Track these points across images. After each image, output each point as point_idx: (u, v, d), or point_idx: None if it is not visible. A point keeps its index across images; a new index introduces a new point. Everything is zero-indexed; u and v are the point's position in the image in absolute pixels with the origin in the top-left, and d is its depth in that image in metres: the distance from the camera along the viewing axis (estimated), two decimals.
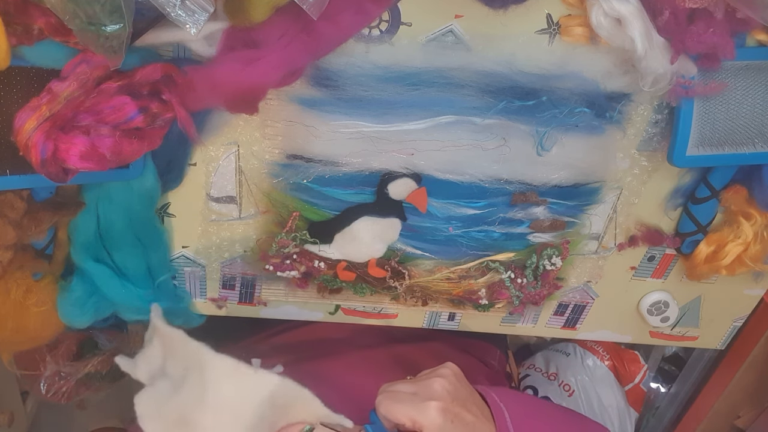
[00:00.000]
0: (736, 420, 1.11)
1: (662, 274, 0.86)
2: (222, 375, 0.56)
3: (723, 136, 0.68)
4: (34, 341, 0.79)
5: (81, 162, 0.57)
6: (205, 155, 0.70)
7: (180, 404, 0.57)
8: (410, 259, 0.78)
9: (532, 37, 0.64)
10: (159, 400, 0.58)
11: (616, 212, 0.79)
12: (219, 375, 0.56)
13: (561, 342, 1.32)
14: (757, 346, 0.96)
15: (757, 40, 0.65)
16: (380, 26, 0.62)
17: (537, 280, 0.80)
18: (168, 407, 0.57)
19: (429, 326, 0.89)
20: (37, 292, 0.73)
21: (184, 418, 0.56)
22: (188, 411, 0.56)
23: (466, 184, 0.71)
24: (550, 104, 0.66)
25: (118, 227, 0.71)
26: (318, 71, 0.63)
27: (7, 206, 0.65)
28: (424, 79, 0.64)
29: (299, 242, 0.74)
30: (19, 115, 0.56)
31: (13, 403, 1.12)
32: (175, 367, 0.60)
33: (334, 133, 0.67)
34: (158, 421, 0.57)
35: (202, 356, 0.57)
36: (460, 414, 0.57)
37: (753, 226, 0.76)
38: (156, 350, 0.63)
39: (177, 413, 0.57)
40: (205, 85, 0.58)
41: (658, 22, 0.60)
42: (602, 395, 1.23)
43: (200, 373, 0.56)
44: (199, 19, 0.51)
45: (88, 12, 0.47)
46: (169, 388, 0.58)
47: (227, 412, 0.56)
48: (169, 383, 0.59)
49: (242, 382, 0.56)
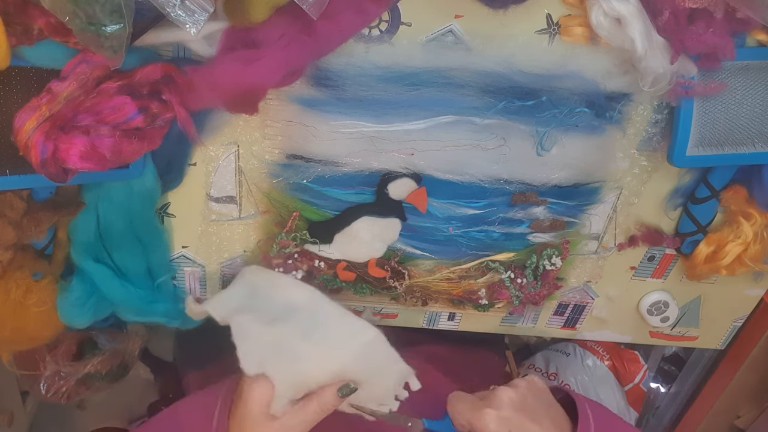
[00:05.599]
0: (736, 420, 1.11)
1: (662, 274, 0.86)
2: (333, 316, 0.65)
3: (723, 136, 0.68)
4: (34, 341, 0.79)
5: (81, 162, 0.57)
6: (205, 155, 0.70)
7: (278, 334, 0.64)
8: (410, 259, 0.78)
9: (532, 37, 0.64)
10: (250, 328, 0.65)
11: (616, 212, 0.79)
12: (330, 316, 0.65)
13: (561, 342, 1.32)
14: (757, 346, 0.96)
15: (757, 40, 0.65)
16: (380, 26, 0.62)
17: (537, 280, 0.80)
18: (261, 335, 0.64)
19: (429, 326, 0.89)
20: (37, 292, 0.73)
21: (281, 346, 0.63)
22: (287, 341, 0.63)
23: (466, 184, 0.71)
24: (550, 104, 0.66)
25: (118, 227, 0.71)
26: (318, 71, 0.63)
27: (7, 206, 0.65)
28: (424, 79, 0.64)
29: (299, 242, 0.74)
30: (19, 115, 0.56)
31: (13, 403, 1.12)
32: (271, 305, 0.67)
33: (334, 133, 0.67)
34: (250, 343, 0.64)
35: (314, 298, 0.66)
36: (522, 423, 0.58)
37: (753, 226, 0.76)
38: (238, 292, 0.70)
39: (273, 341, 0.64)
40: (205, 85, 0.58)
41: (658, 22, 0.60)
42: (602, 395, 1.23)
43: (310, 311, 0.65)
44: (198, 19, 0.51)
45: (88, 12, 0.47)
46: (260, 320, 0.65)
47: (329, 349, 0.63)
48: (260, 316, 0.66)
49: (349, 326, 0.64)
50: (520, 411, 0.59)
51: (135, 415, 1.32)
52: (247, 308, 0.67)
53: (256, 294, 0.69)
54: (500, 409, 0.59)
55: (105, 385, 1.05)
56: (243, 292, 0.70)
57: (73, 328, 0.77)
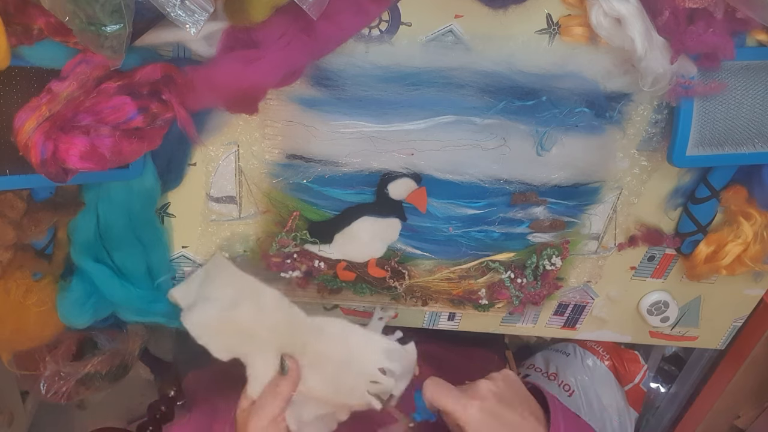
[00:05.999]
0: (736, 420, 1.11)
1: (662, 274, 0.86)
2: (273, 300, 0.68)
3: (723, 136, 0.68)
4: (34, 341, 0.79)
5: (81, 162, 0.57)
6: (205, 155, 0.70)
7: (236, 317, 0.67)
8: (410, 259, 0.78)
9: (532, 37, 0.64)
10: (208, 319, 0.68)
11: (616, 212, 0.79)
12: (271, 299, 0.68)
13: (561, 342, 1.32)
14: (757, 346, 0.96)
15: (757, 40, 0.65)
16: (380, 26, 0.62)
17: (537, 280, 0.80)
18: (220, 320, 0.67)
19: (429, 326, 0.89)
20: (37, 292, 0.73)
21: (242, 329, 0.67)
22: (246, 323, 0.67)
23: (466, 184, 0.71)
24: (550, 104, 0.66)
25: (118, 227, 0.71)
26: (318, 71, 0.63)
27: (7, 206, 0.65)
28: (424, 79, 0.64)
29: (299, 242, 0.74)
30: (19, 115, 0.56)
31: (13, 403, 1.12)
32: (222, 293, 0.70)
33: (334, 133, 0.67)
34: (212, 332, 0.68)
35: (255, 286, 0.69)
36: (502, 413, 0.61)
37: (753, 226, 0.76)
38: (196, 280, 0.74)
39: (233, 324, 0.67)
40: (205, 85, 0.58)
41: (658, 22, 0.60)
42: (602, 395, 1.22)
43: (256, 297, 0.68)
44: (198, 19, 0.51)
45: (88, 12, 0.47)
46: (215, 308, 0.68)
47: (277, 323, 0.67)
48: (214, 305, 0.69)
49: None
50: (501, 401, 0.61)
51: (135, 415, 1.32)
52: (202, 297, 0.70)
53: (211, 281, 0.72)
54: (483, 400, 0.61)
55: (105, 385, 1.05)
56: (200, 280, 0.74)
57: (73, 328, 0.77)
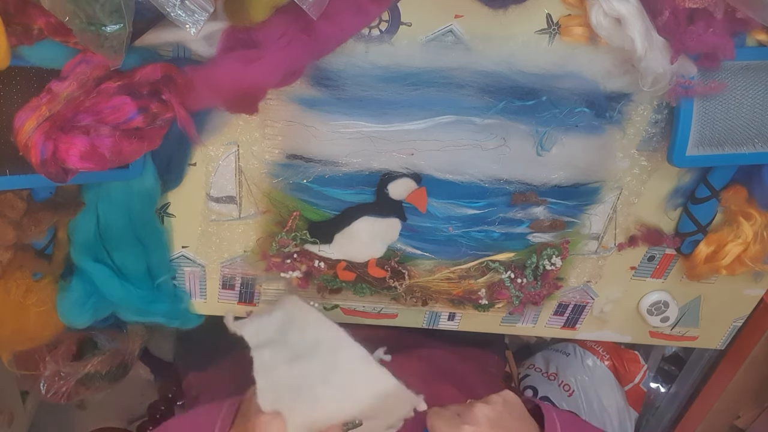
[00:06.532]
0: (736, 420, 1.11)
1: (662, 274, 0.86)
2: (354, 361, 0.62)
3: (723, 136, 0.68)
4: (34, 341, 0.79)
5: (81, 162, 0.57)
6: (205, 155, 0.70)
7: (299, 373, 0.62)
8: (410, 259, 0.78)
9: (532, 37, 0.64)
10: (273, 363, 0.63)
11: (615, 212, 0.79)
12: (352, 360, 0.62)
13: (561, 342, 1.32)
14: (757, 346, 0.96)
15: (757, 40, 0.65)
16: (380, 26, 0.62)
17: (537, 280, 0.80)
18: (282, 371, 0.63)
19: (429, 326, 0.89)
20: (37, 292, 0.73)
21: (300, 386, 0.62)
22: (307, 381, 0.62)
23: (466, 184, 0.71)
24: (550, 104, 0.66)
25: (118, 227, 0.71)
26: (318, 71, 0.63)
27: (7, 206, 0.65)
28: (424, 79, 0.64)
29: (299, 242, 0.74)
30: (19, 115, 0.56)
31: (13, 403, 1.12)
32: (301, 340, 0.65)
33: (334, 133, 0.67)
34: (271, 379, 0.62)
35: (339, 339, 0.63)
36: None
37: (753, 226, 0.76)
38: (275, 320, 0.67)
39: (293, 379, 0.62)
40: (205, 85, 0.58)
41: (658, 22, 0.60)
42: (602, 395, 1.23)
43: (333, 353, 0.63)
44: (198, 19, 0.51)
45: (88, 12, 0.47)
46: (285, 355, 0.63)
47: (347, 394, 0.62)
48: (285, 351, 0.64)
49: (370, 374, 0.62)
50: (497, 427, 0.62)
51: (135, 415, 1.32)
52: (275, 341, 0.66)
53: (289, 326, 0.68)
54: (478, 426, 0.61)
55: (105, 385, 1.06)
56: (278, 322, 0.68)
57: (73, 328, 0.77)
